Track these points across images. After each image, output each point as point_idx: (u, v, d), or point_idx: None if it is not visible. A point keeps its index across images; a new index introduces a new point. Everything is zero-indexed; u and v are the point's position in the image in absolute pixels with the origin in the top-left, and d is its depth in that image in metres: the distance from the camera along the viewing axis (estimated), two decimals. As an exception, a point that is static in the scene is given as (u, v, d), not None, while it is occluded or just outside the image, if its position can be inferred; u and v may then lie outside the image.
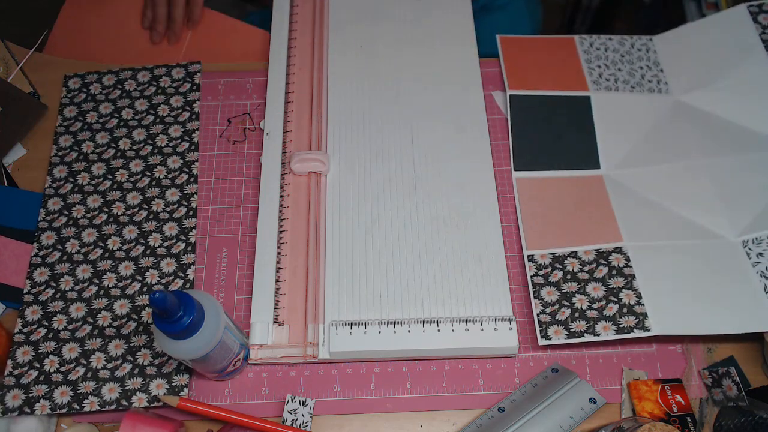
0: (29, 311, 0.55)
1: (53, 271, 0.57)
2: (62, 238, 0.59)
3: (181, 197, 0.61)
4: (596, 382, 0.53)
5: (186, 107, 0.65)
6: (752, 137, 0.62)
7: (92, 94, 0.66)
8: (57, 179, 0.62)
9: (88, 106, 0.66)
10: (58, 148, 0.63)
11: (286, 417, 0.51)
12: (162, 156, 0.63)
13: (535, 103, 0.65)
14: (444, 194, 0.60)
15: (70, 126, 0.65)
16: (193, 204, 0.60)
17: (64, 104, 0.66)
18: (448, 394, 0.53)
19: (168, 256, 0.58)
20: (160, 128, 0.64)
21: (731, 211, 0.58)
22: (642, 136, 0.64)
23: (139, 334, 0.54)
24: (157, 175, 0.62)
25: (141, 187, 0.61)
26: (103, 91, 0.66)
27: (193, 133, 0.64)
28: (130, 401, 0.52)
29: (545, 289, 0.55)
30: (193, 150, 0.63)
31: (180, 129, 0.64)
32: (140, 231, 0.59)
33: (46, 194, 0.61)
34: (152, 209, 0.60)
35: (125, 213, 0.60)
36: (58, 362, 0.53)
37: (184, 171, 0.62)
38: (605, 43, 0.69)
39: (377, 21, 0.70)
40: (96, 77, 0.67)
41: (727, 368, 0.53)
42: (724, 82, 0.65)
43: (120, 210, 0.60)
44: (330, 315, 0.54)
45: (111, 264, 0.57)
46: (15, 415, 0.51)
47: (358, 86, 0.66)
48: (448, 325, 0.53)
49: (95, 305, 0.56)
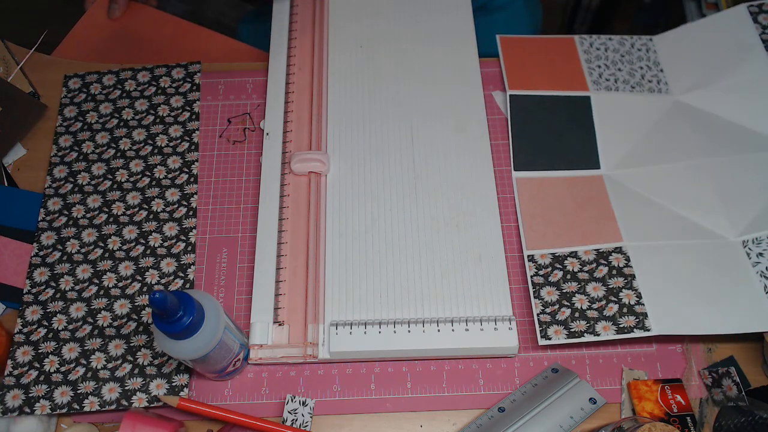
0: (29, 311, 0.55)
1: (53, 271, 0.57)
2: (62, 238, 0.59)
3: (181, 197, 0.61)
4: (596, 382, 0.53)
5: (186, 107, 0.65)
6: (752, 137, 0.62)
7: (92, 94, 0.66)
8: (57, 179, 0.62)
9: (88, 106, 0.66)
10: (58, 148, 0.63)
11: (286, 417, 0.51)
12: (162, 156, 0.63)
13: (535, 103, 0.65)
14: (444, 194, 0.60)
15: (70, 126, 0.65)
16: (193, 204, 0.60)
17: (64, 104, 0.66)
18: (448, 394, 0.53)
19: (168, 256, 0.58)
20: (160, 128, 0.64)
21: (731, 211, 0.58)
22: (642, 136, 0.64)
23: (139, 334, 0.54)
24: (157, 175, 0.62)
25: (141, 187, 0.61)
26: (103, 91, 0.66)
27: (193, 133, 0.64)
28: (130, 401, 0.52)
29: (545, 289, 0.55)
30: (193, 150, 0.63)
31: (180, 129, 0.64)
32: (140, 231, 0.59)
33: (46, 194, 0.61)
34: (152, 209, 0.60)
35: (125, 213, 0.60)
36: (58, 362, 0.53)
37: (184, 171, 0.62)
38: (605, 43, 0.69)
39: (377, 21, 0.70)
40: (96, 77, 0.67)
41: (727, 368, 0.53)
42: (724, 82, 0.65)
43: (120, 210, 0.60)
44: (330, 315, 0.54)
45: (111, 264, 0.57)
46: (15, 415, 0.51)
47: (358, 86, 0.66)
48: (448, 325, 0.53)
49: (95, 305, 0.56)
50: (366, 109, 0.64)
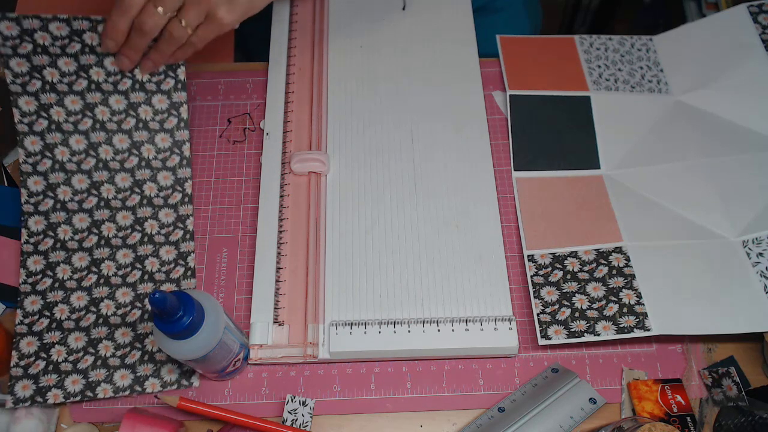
0: (28, 302, 0.54)
1: (48, 259, 0.55)
2: (52, 223, 0.56)
3: (175, 182, 0.58)
4: (596, 382, 0.53)
5: (169, 72, 0.58)
6: (752, 137, 0.62)
7: (41, 45, 0.55)
8: (32, 153, 0.56)
9: (41, 60, 0.56)
10: (21, 113, 0.55)
11: (286, 417, 0.51)
12: (149, 132, 0.58)
13: (535, 103, 0.65)
14: (444, 194, 0.60)
15: (26, 85, 0.56)
16: (188, 190, 0.58)
17: (5, 54, 0.55)
18: (448, 394, 0.53)
19: (167, 244, 0.57)
20: (142, 97, 0.58)
21: (731, 211, 0.58)
22: (642, 136, 0.64)
23: (145, 321, 0.54)
24: (145, 155, 0.58)
25: (130, 168, 0.57)
26: (54, 42, 0.56)
27: (180, 107, 0.58)
28: (143, 387, 0.51)
29: (545, 289, 0.55)
30: (183, 128, 0.58)
31: (165, 100, 0.58)
32: (135, 217, 0.57)
33: (23, 171, 0.56)
34: (145, 193, 0.57)
35: (116, 197, 0.57)
36: (65, 352, 0.52)
37: (174, 152, 0.58)
38: (605, 43, 0.69)
39: (377, 21, 0.70)
40: (39, 23, 0.55)
41: (727, 368, 0.53)
42: (724, 82, 0.65)
43: (110, 193, 0.57)
44: (330, 315, 0.54)
45: (108, 252, 0.56)
46: (27, 405, 0.50)
47: (358, 86, 0.66)
48: (448, 325, 0.53)
49: (96, 294, 0.55)
50: (366, 109, 0.64)
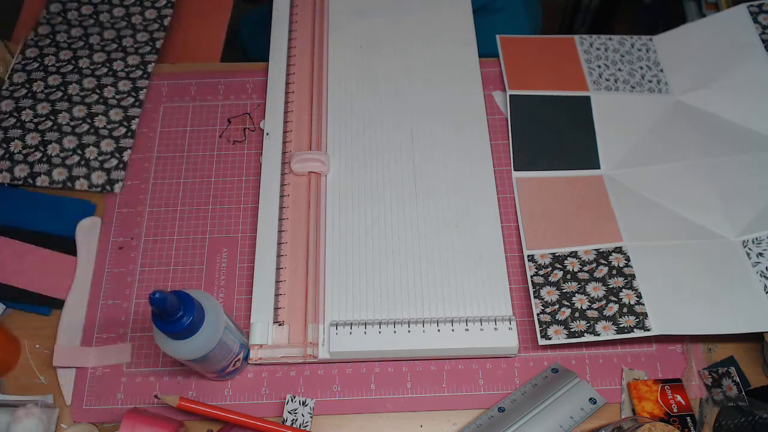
0: (4, 104, 0.64)
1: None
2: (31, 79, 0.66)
3: (132, 88, 0.66)
4: (596, 382, 0.53)
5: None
6: (752, 137, 0.62)
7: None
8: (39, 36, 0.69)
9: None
10: (35, 34, 0.69)
11: (286, 417, 0.51)
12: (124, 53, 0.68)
13: (535, 103, 0.65)
14: (444, 194, 0.60)
15: (51, 21, 0.71)
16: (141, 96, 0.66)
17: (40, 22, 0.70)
18: (448, 394, 0.53)
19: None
20: None
21: (731, 211, 0.58)
22: (642, 136, 0.64)
23: (91, 134, 0.63)
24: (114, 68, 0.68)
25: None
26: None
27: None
28: (74, 184, 0.61)
29: (545, 289, 0.55)
30: (153, 53, 0.68)
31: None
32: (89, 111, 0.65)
33: (27, 44, 0.68)
34: (104, 95, 0.66)
35: (78, 93, 0.66)
36: (21, 146, 0.62)
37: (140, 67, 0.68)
38: (605, 43, 0.69)
39: (377, 21, 0.70)
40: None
41: (727, 368, 0.53)
42: (724, 82, 0.65)
43: (75, 90, 0.66)
44: (330, 315, 0.54)
45: (67, 105, 0.65)
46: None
47: (358, 86, 0.66)
48: (448, 325, 0.53)
49: (59, 107, 0.64)
50: (366, 109, 0.64)
